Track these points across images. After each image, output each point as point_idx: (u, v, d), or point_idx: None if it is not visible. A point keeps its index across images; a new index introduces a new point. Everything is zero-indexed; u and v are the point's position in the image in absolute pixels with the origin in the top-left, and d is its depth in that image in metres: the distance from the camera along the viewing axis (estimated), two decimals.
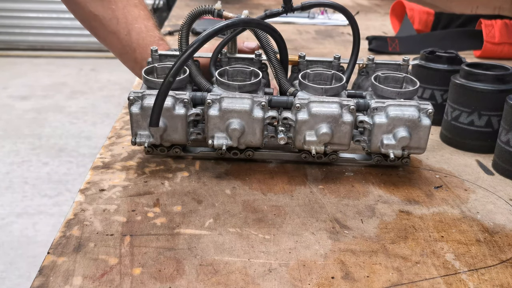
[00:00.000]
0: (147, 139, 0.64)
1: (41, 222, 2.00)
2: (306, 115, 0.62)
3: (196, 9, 0.69)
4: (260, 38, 0.68)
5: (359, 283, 0.47)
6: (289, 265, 0.49)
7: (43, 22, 4.28)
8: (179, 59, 0.57)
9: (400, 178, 0.67)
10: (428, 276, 0.48)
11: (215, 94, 0.63)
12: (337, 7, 0.69)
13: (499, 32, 1.27)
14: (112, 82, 3.68)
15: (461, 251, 0.52)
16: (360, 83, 0.75)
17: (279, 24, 1.63)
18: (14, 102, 3.27)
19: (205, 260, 0.49)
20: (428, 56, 0.83)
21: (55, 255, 0.48)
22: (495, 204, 0.62)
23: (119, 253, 0.49)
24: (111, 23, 0.83)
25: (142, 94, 0.63)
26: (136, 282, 0.45)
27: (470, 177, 0.68)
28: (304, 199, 0.61)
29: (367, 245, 0.52)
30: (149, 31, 0.83)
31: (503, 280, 0.48)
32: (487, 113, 0.73)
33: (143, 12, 0.85)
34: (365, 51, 1.34)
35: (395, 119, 0.62)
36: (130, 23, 0.82)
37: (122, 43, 0.83)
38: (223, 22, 0.59)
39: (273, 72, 0.69)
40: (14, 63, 4.04)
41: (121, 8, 0.83)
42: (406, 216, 0.58)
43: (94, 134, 2.88)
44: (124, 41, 0.82)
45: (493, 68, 0.76)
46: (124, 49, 0.83)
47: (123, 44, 0.83)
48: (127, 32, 0.82)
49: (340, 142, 0.63)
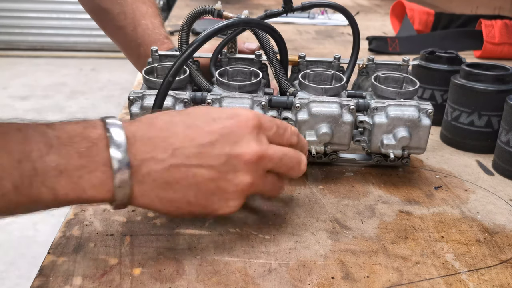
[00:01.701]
0: None
1: (41, 222, 2.00)
2: (306, 115, 0.62)
3: (196, 9, 0.69)
4: (260, 38, 0.68)
5: (359, 283, 0.47)
6: (289, 265, 0.49)
7: (43, 22, 4.28)
8: (179, 59, 0.57)
9: (400, 178, 0.67)
10: (428, 276, 0.48)
11: (215, 94, 0.63)
12: (337, 7, 0.69)
13: (499, 32, 1.27)
14: (112, 82, 3.68)
15: (461, 251, 0.52)
16: (360, 83, 0.75)
17: (279, 24, 1.63)
18: (14, 102, 3.27)
19: (205, 260, 0.49)
20: (428, 56, 0.83)
21: (55, 255, 0.48)
22: (495, 205, 0.62)
23: (119, 253, 0.49)
24: (119, 18, 0.83)
25: (142, 94, 0.63)
26: (136, 282, 0.45)
27: (470, 177, 0.68)
28: (304, 199, 0.61)
29: (367, 245, 0.52)
30: (155, 29, 0.83)
31: (503, 281, 0.48)
32: (487, 113, 0.73)
33: (151, 9, 0.85)
34: (365, 51, 1.34)
35: (395, 119, 0.62)
36: (138, 19, 0.83)
37: (127, 38, 0.83)
38: (223, 22, 0.59)
39: (273, 72, 0.69)
40: (14, 63, 4.04)
41: (130, 3, 0.83)
42: (406, 216, 0.58)
43: None
44: (129, 36, 0.83)
45: (493, 68, 0.76)
46: (129, 44, 0.84)
47: (128, 39, 0.83)
48: (133, 28, 0.82)
49: (340, 142, 0.63)
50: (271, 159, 0.49)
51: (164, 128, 0.47)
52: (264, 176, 0.50)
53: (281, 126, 0.52)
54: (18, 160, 0.40)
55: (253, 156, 0.47)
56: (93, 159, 0.43)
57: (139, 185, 0.45)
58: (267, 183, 0.51)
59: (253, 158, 0.47)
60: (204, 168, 0.46)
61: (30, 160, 0.41)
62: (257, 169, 0.48)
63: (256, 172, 0.48)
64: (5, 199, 0.40)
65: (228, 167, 0.47)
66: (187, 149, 0.46)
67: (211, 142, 0.46)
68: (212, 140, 0.46)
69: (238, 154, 0.47)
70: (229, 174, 0.47)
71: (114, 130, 0.44)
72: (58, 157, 0.42)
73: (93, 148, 0.43)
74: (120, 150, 0.44)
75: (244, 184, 0.48)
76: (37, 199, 0.42)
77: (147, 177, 0.45)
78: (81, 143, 0.43)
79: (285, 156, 0.50)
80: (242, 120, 0.48)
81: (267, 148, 0.48)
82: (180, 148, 0.46)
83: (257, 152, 0.47)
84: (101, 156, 0.43)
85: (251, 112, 0.49)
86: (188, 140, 0.46)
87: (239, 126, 0.48)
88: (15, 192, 0.41)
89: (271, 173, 0.51)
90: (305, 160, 0.53)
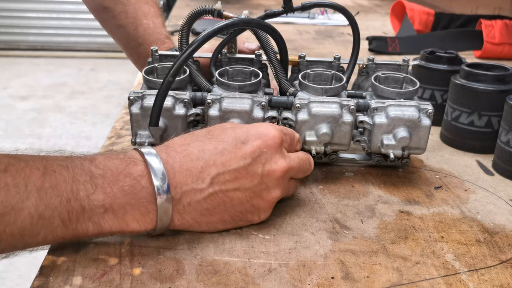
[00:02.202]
0: (147, 139, 0.64)
1: None
2: (306, 115, 0.62)
3: (196, 9, 0.69)
4: (260, 38, 0.68)
5: (359, 283, 0.47)
6: (289, 265, 0.49)
7: (43, 22, 4.29)
8: (179, 59, 0.57)
9: (400, 178, 0.67)
10: (428, 276, 0.48)
11: (215, 94, 0.63)
12: (337, 7, 0.69)
13: (499, 33, 1.27)
14: (112, 82, 3.68)
15: (461, 251, 0.52)
16: (360, 83, 0.75)
17: (279, 24, 1.63)
18: (14, 102, 3.27)
19: (205, 260, 0.49)
20: (428, 57, 0.83)
21: (55, 255, 0.48)
22: (495, 205, 0.62)
23: (119, 253, 0.49)
24: (120, 17, 0.84)
25: (142, 94, 0.63)
26: (136, 282, 0.45)
27: (470, 177, 0.68)
28: (304, 199, 0.61)
29: (367, 245, 0.52)
30: (156, 28, 0.83)
31: (503, 281, 0.48)
32: (487, 114, 0.73)
33: (153, 9, 0.86)
34: (365, 51, 1.34)
35: (395, 119, 0.62)
36: (139, 18, 0.83)
37: (128, 37, 0.84)
38: (223, 22, 0.59)
39: (273, 72, 0.69)
40: (14, 63, 4.04)
41: (132, 3, 0.84)
42: (406, 216, 0.58)
43: (94, 134, 2.88)
44: (130, 35, 0.83)
45: (493, 68, 0.76)
46: (130, 43, 0.84)
47: (129, 38, 0.84)
48: (135, 27, 0.83)
49: (340, 142, 0.63)
50: (293, 169, 0.54)
51: (200, 157, 0.49)
52: (288, 184, 0.55)
53: (290, 134, 0.56)
54: (67, 199, 0.44)
55: (282, 171, 0.52)
56: (136, 196, 0.46)
57: (180, 214, 0.49)
58: (290, 188, 0.56)
59: (282, 173, 0.52)
60: (240, 191, 0.50)
61: (78, 199, 0.44)
62: (284, 181, 0.53)
63: (283, 183, 0.53)
64: (53, 234, 0.44)
65: (261, 186, 0.51)
66: (223, 176, 0.49)
67: (245, 166, 0.50)
68: (245, 164, 0.50)
69: (269, 172, 0.51)
70: (263, 192, 0.51)
71: (154, 164, 0.47)
72: (104, 196, 0.45)
73: (136, 185, 0.46)
74: (161, 184, 0.47)
75: (276, 197, 0.53)
76: (82, 233, 0.45)
77: (187, 207, 0.49)
78: (124, 181, 0.46)
79: (301, 161, 0.55)
80: (269, 139, 0.51)
81: (290, 161, 0.53)
82: (217, 176, 0.49)
83: (285, 166, 0.52)
84: (144, 192, 0.46)
85: (275, 129, 0.52)
86: (223, 166, 0.49)
87: (267, 146, 0.51)
88: (63, 227, 0.44)
89: (292, 178, 0.56)
90: (312, 159, 0.57)
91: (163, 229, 0.49)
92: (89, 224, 0.45)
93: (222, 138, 0.50)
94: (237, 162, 0.49)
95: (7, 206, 0.41)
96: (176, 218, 0.49)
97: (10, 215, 0.41)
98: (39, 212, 0.42)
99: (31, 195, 0.42)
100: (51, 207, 0.43)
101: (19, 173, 0.42)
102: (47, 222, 0.43)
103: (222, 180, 0.49)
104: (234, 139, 0.50)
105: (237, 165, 0.49)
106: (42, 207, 0.42)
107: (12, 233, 0.41)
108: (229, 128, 0.51)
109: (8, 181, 0.41)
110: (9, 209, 0.41)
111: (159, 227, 0.48)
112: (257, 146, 0.50)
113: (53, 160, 0.45)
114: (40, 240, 0.44)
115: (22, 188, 0.42)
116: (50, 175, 0.44)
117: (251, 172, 0.50)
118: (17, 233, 0.42)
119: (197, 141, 0.50)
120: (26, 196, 0.42)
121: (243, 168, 0.49)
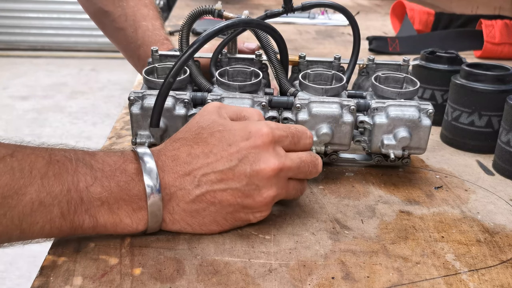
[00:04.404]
0: (147, 139, 0.64)
1: None
2: (307, 115, 0.62)
3: (197, 10, 0.69)
4: (261, 38, 0.68)
5: (360, 283, 0.47)
6: (289, 265, 0.49)
7: (43, 22, 4.29)
8: (179, 59, 0.57)
9: (401, 178, 0.67)
10: (429, 276, 0.48)
11: (215, 95, 0.63)
12: (337, 7, 0.69)
13: (499, 32, 1.27)
14: (112, 82, 3.68)
15: (462, 251, 0.52)
16: (360, 83, 0.75)
17: (280, 24, 1.63)
18: (15, 102, 3.27)
19: (205, 260, 0.49)
20: (429, 57, 0.83)
21: (55, 255, 0.48)
22: (496, 205, 0.62)
23: (119, 253, 0.49)
24: (120, 20, 0.84)
25: (142, 94, 0.63)
26: (137, 282, 0.45)
27: (471, 177, 0.68)
28: (304, 199, 0.61)
29: (368, 246, 0.52)
30: (155, 30, 0.84)
31: (504, 281, 0.48)
32: (488, 114, 0.73)
33: (152, 12, 0.87)
34: (365, 51, 1.34)
35: (396, 119, 0.62)
36: (138, 20, 0.84)
37: (128, 40, 0.84)
38: (224, 23, 0.59)
39: (274, 72, 0.69)
40: (15, 63, 4.04)
41: (131, 6, 0.84)
42: (406, 216, 0.58)
43: (94, 134, 2.88)
44: (130, 37, 0.84)
45: (493, 68, 0.76)
46: (129, 46, 0.85)
47: (128, 41, 0.84)
48: (134, 30, 0.83)
49: (341, 142, 0.63)
50: (290, 168, 0.52)
51: (187, 161, 0.50)
52: (286, 184, 0.53)
53: (296, 134, 0.54)
54: (68, 189, 0.45)
55: (273, 170, 0.50)
56: (130, 192, 0.48)
57: (171, 214, 0.50)
58: (290, 189, 0.54)
59: (273, 172, 0.50)
60: (228, 192, 0.50)
61: (78, 190, 0.46)
62: (278, 181, 0.52)
63: (278, 183, 0.52)
64: (51, 224, 0.45)
65: (251, 186, 0.50)
66: (209, 176, 0.50)
67: (231, 167, 0.50)
68: (231, 166, 0.50)
69: (258, 172, 0.50)
70: (253, 192, 0.51)
71: (148, 164, 0.49)
72: (101, 189, 0.47)
73: (130, 182, 0.48)
74: (154, 183, 0.48)
75: (269, 197, 0.51)
76: (78, 225, 0.47)
77: (176, 208, 0.50)
78: (121, 177, 0.48)
79: (302, 163, 0.53)
80: (258, 139, 0.51)
81: (285, 160, 0.51)
82: (203, 177, 0.49)
83: (276, 166, 0.50)
84: (137, 189, 0.48)
85: (265, 127, 0.51)
86: (209, 168, 0.50)
87: (255, 146, 0.50)
88: (61, 218, 0.45)
89: (292, 179, 0.54)
90: (320, 162, 0.55)
91: (155, 228, 0.50)
92: (86, 217, 0.46)
93: (209, 141, 0.51)
94: (223, 164, 0.50)
95: (11, 189, 0.42)
96: (168, 218, 0.50)
97: (13, 199, 0.42)
98: (40, 198, 0.43)
99: (35, 181, 0.43)
100: (52, 195, 0.44)
101: (25, 159, 0.44)
102: (47, 210, 0.44)
103: (209, 181, 0.49)
104: (221, 142, 0.51)
105: (222, 166, 0.50)
106: (43, 193, 0.44)
107: (12, 218, 0.43)
108: (217, 131, 0.51)
109: (14, 165, 0.43)
110: (12, 192, 0.42)
111: (151, 225, 0.49)
112: (243, 147, 0.50)
113: (57, 151, 0.47)
114: (37, 230, 0.45)
115: (27, 173, 0.43)
116: (54, 164, 0.45)
117: (238, 173, 0.50)
118: (17, 219, 0.43)
119: (185, 146, 0.51)
120: (30, 182, 0.43)
121: (229, 170, 0.50)
